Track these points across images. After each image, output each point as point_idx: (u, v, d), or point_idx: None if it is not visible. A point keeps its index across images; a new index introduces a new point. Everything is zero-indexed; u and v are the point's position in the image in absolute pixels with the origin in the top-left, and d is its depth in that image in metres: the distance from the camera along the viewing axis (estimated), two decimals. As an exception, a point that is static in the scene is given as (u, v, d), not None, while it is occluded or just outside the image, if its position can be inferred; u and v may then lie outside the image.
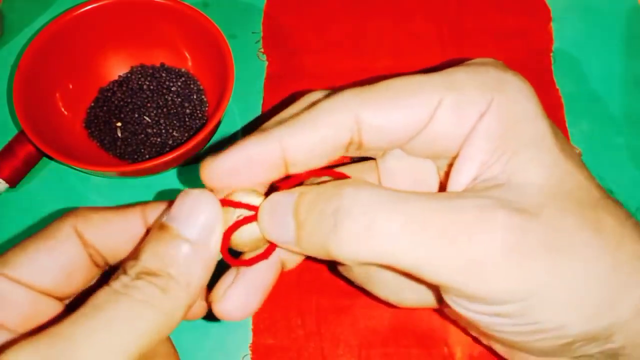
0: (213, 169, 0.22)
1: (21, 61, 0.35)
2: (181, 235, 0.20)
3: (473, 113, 0.21)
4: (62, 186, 0.38)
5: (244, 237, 0.22)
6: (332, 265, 0.34)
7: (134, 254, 0.20)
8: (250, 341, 0.33)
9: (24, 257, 0.21)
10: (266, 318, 0.34)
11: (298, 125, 0.21)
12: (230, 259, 0.22)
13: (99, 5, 0.37)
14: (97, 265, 0.23)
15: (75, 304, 0.22)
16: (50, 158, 0.37)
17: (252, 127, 0.39)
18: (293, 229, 0.21)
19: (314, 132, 0.21)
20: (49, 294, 0.21)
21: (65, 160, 0.33)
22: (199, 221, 0.20)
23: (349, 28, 0.44)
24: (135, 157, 0.37)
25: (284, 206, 0.21)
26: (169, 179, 0.38)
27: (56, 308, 0.22)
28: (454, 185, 0.22)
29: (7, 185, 0.37)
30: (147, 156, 0.37)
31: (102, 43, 0.39)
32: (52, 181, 0.38)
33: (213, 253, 0.21)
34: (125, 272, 0.20)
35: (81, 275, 0.22)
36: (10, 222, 0.37)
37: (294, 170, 0.22)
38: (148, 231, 0.23)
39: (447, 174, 0.22)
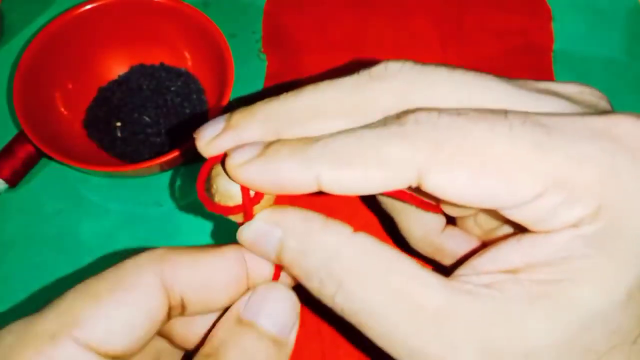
0: (242, 174, 0.18)
1: (21, 61, 0.35)
2: (266, 332, 0.19)
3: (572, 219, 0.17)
4: (61, 186, 0.38)
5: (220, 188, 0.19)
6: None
7: (209, 346, 0.19)
8: (250, 341, 0.33)
9: (98, 312, 0.17)
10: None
11: (344, 159, 0.17)
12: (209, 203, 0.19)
13: (98, 5, 0.37)
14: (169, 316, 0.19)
15: None
16: (50, 158, 0.37)
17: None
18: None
19: (363, 170, 0.17)
20: (118, 357, 0.17)
21: (65, 160, 0.33)
22: (280, 318, 0.20)
23: (349, 28, 0.44)
24: (135, 156, 0.37)
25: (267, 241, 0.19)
26: (169, 178, 0.38)
27: None
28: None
29: (6, 185, 0.37)
30: (146, 156, 0.37)
31: (102, 43, 0.39)
32: (51, 181, 0.38)
33: (290, 349, 0.20)
34: None
35: (152, 333, 0.18)
36: (10, 222, 0.37)
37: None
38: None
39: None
